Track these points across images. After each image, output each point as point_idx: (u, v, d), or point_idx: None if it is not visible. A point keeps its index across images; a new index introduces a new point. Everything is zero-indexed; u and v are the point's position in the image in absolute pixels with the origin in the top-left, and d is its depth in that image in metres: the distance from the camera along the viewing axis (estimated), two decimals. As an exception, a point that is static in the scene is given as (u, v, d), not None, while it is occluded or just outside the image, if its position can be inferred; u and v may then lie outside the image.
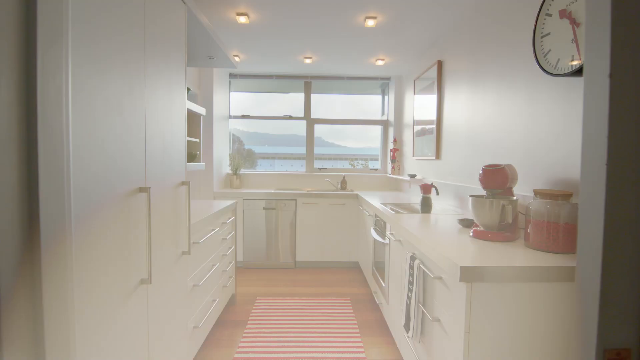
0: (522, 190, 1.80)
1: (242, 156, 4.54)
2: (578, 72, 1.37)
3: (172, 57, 1.51)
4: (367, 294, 3.12)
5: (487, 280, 1.16)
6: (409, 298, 1.65)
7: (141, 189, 1.23)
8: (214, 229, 2.25)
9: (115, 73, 1.06)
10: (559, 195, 1.38)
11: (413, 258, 1.65)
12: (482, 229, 1.60)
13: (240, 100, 4.47)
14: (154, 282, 1.35)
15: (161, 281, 1.42)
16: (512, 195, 1.65)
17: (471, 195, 1.64)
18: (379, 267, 2.64)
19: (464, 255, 1.29)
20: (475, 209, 1.59)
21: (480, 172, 1.63)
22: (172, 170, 1.53)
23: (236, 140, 4.53)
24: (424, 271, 1.56)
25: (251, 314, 2.65)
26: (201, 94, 3.73)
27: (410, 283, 1.64)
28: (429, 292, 1.52)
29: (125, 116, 1.12)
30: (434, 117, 3.05)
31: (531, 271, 1.17)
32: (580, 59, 1.36)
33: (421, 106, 3.44)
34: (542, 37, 1.58)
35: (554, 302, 1.19)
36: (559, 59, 1.48)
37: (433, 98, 3.08)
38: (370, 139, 4.69)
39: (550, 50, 1.53)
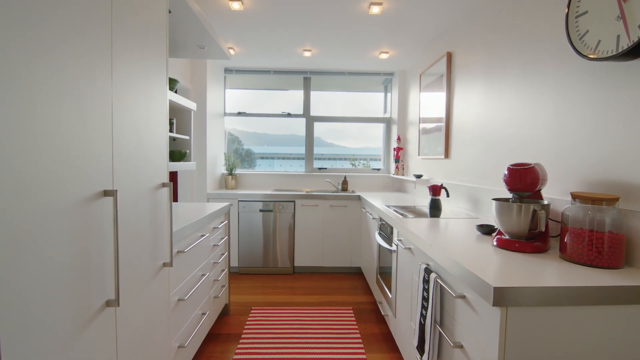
0: (550, 193, 1.59)
1: (241, 156, 4.34)
2: (626, 54, 1.16)
3: (149, 38, 1.30)
4: (370, 302, 2.91)
5: (527, 304, 0.95)
6: (423, 316, 1.44)
7: (106, 193, 1.02)
8: (203, 235, 2.04)
9: (63, 42, 0.84)
10: (604, 199, 1.17)
11: (428, 271, 1.44)
12: (507, 237, 1.40)
13: (237, 98, 4.25)
14: (124, 302, 1.14)
15: (135, 299, 1.21)
16: (541, 199, 1.45)
17: (494, 199, 1.43)
18: (384, 274, 2.43)
19: (491, 269, 1.08)
20: (500, 214, 1.38)
21: (506, 172, 1.42)
22: (150, 169, 1.32)
23: (235, 140, 4.32)
24: (441, 286, 1.35)
25: (246, 326, 2.44)
26: (194, 89, 3.52)
27: (425, 299, 1.43)
28: (447, 311, 1.31)
29: (84, 104, 0.91)
30: (442, 113, 2.85)
31: (581, 292, 0.96)
32: (629, 39, 1.15)
33: (427, 102, 3.24)
34: (577, 17, 1.37)
35: (612, 330, 0.98)
36: (599, 41, 1.27)
37: (441, 93, 2.87)
38: (370, 139, 4.48)
39: (587, 31, 1.32)
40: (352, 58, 3.60)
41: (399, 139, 4.02)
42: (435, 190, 2.39)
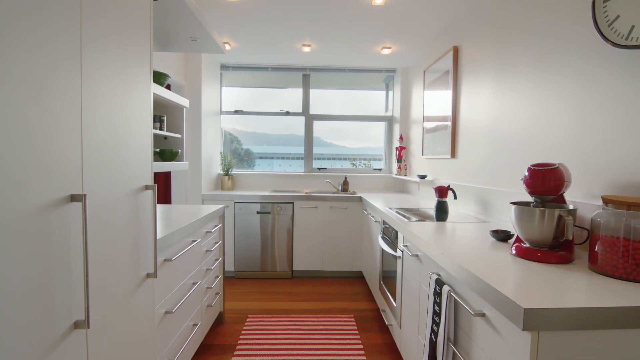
0: (572, 196, 1.46)
1: (240, 156, 4.20)
2: (665, 40, 1.03)
3: (129, 25, 1.16)
4: (373, 310, 2.78)
5: (561, 328, 0.82)
6: (434, 333, 1.31)
7: (73, 197, 0.88)
8: (194, 241, 1.90)
9: (17, 24, 0.71)
10: (641, 204, 1.03)
11: (440, 282, 1.30)
12: (527, 245, 1.26)
13: (234, 96, 4.11)
14: (98, 321, 1.00)
15: (111, 317, 1.08)
16: (564, 203, 1.31)
17: (513, 203, 1.30)
18: (388, 280, 2.29)
19: (513, 284, 0.95)
20: (520, 220, 1.25)
21: (526, 173, 1.28)
22: (130, 170, 1.18)
23: (234, 140, 4.18)
24: (455, 301, 1.22)
25: (241, 336, 2.30)
26: (188, 85, 3.38)
27: (436, 314, 1.29)
28: (463, 328, 1.18)
29: (44, 96, 0.78)
30: (448, 111, 2.71)
31: (625, 314, 0.83)
32: (671, 22, 1.01)
33: (432, 99, 3.10)
34: (605, 2, 1.24)
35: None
36: (632, 27, 1.14)
37: (447, 90, 2.73)
38: (370, 139, 4.34)
39: (618, 16, 1.19)
40: (352, 54, 3.46)
41: (401, 138, 3.88)
42: (441, 191, 2.25)
